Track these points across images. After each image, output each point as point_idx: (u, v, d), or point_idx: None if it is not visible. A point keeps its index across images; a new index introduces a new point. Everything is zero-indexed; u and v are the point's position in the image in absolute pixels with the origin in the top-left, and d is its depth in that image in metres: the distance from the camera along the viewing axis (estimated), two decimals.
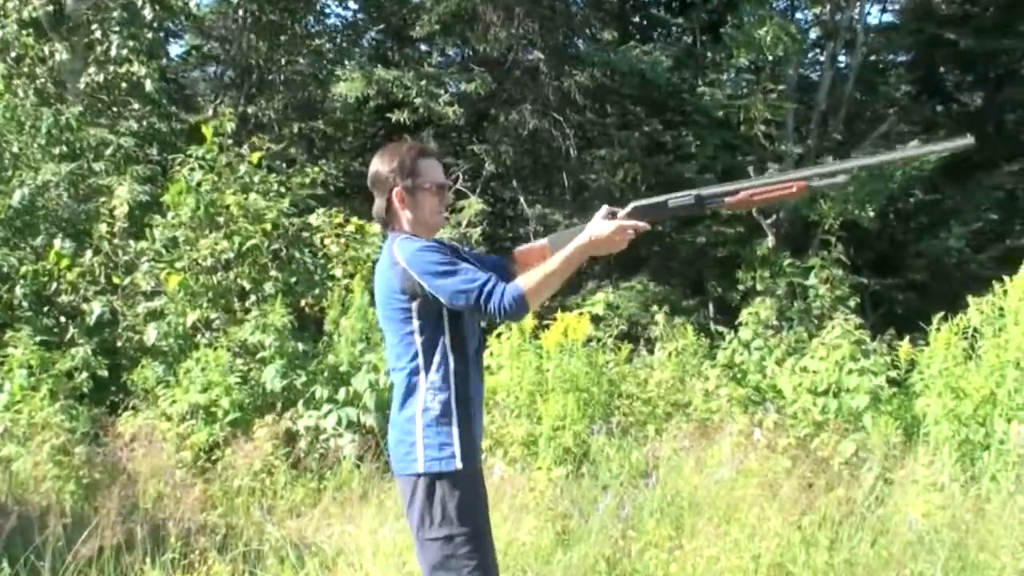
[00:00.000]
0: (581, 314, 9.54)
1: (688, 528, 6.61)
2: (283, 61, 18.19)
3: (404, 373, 4.21)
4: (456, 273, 4.07)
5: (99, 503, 7.10)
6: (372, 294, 9.76)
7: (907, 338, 8.92)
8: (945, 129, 18.48)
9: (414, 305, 4.14)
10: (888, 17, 21.04)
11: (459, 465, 4.11)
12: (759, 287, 13.75)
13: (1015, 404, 7.46)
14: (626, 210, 4.22)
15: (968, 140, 3.98)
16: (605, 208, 4.26)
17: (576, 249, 4.13)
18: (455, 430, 4.14)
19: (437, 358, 4.16)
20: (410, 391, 4.20)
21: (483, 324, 4.46)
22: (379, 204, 4.32)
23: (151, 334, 10.22)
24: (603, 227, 4.14)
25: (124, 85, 15.08)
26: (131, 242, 11.32)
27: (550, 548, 6.64)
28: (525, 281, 4.08)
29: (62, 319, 11.07)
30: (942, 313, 8.40)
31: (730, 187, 4.21)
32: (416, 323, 4.16)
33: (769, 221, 15.51)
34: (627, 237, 4.16)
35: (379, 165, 4.33)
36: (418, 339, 4.16)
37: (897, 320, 13.53)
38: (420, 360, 4.17)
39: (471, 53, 17.04)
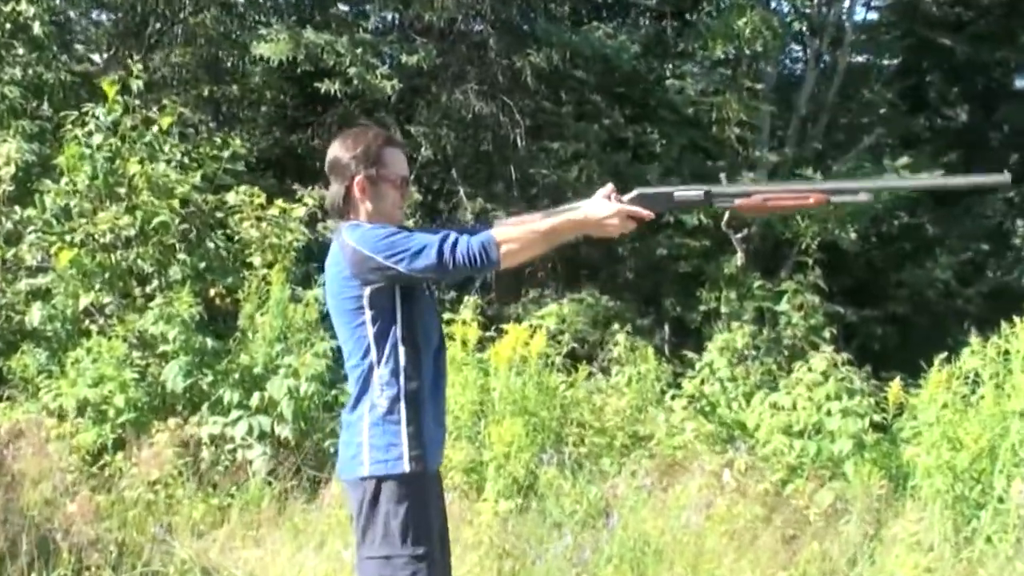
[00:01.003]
0: (533, 327, 9.63)
1: None
2: (186, 11, 17.90)
3: (358, 371, 4.36)
4: (411, 237, 4.22)
5: None
6: (293, 288, 9.84)
7: (897, 378, 9.10)
8: (929, 144, 18.88)
9: (365, 292, 4.27)
10: (874, 16, 21.41)
11: (406, 468, 4.24)
12: (724, 309, 13.95)
13: (1018, 459, 7.65)
14: (630, 195, 4.32)
15: (1004, 177, 4.12)
16: (608, 187, 4.34)
17: (567, 220, 4.26)
18: (403, 429, 4.27)
19: (387, 351, 4.30)
20: (363, 390, 4.36)
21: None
22: (336, 191, 4.45)
23: (35, 316, 10.09)
24: (602, 207, 4.25)
25: (8, 26, 14.85)
26: (16, 208, 11.11)
27: None
28: (500, 231, 4.23)
29: None
30: (944, 354, 8.58)
31: (743, 188, 4.41)
32: (368, 313, 4.29)
33: (740, 235, 15.65)
34: (626, 224, 4.26)
35: (340, 150, 4.45)
36: (370, 331, 4.30)
37: (873, 356, 13.86)
38: (372, 355, 4.31)
39: (412, 21, 16.99)
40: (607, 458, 8.73)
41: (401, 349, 4.29)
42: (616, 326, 10.80)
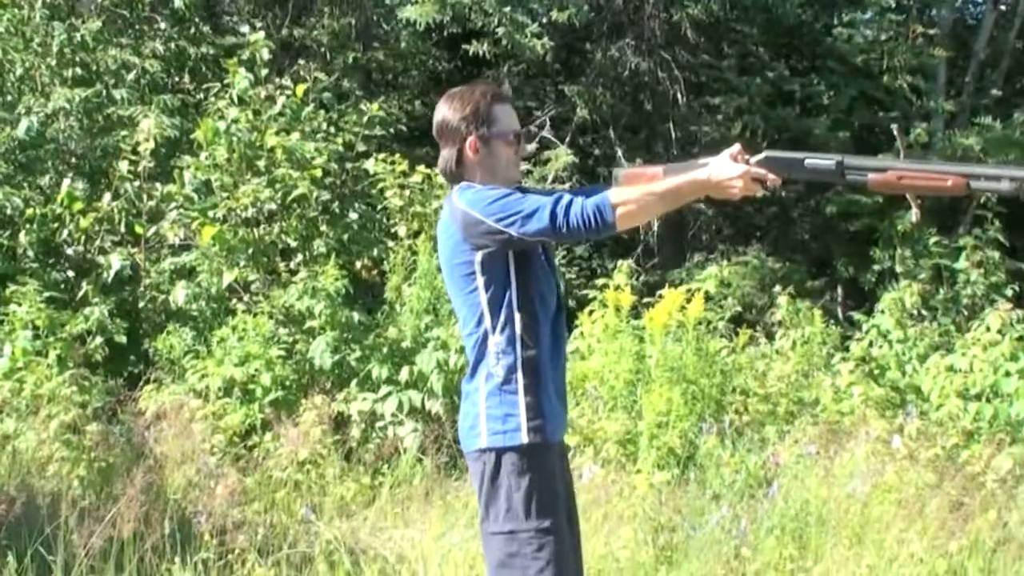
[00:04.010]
0: (691, 291, 9.58)
1: (814, 549, 6.72)
2: None
3: (473, 339, 4.37)
4: (524, 198, 4.20)
5: (119, 490, 7.18)
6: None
7: None
8: None
9: (477, 257, 4.27)
10: None
11: (524, 439, 4.24)
12: (898, 268, 13.71)
13: None
14: (757, 157, 4.28)
15: None
16: (736, 147, 4.29)
17: (691, 181, 4.22)
18: (521, 398, 4.28)
19: (503, 318, 4.30)
20: (479, 358, 4.37)
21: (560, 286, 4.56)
22: (447, 155, 4.44)
23: (179, 295, 10.27)
24: (728, 168, 4.19)
25: None
26: (157, 185, 11.34)
27: (650, 566, 6.76)
28: (616, 193, 4.19)
29: (73, 274, 11.15)
30: None
31: (878, 162, 4.29)
32: (480, 279, 4.29)
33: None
34: (751, 187, 4.21)
35: (448, 112, 4.43)
36: (483, 297, 4.30)
37: None
38: (487, 322, 4.32)
39: None
40: (770, 426, 8.68)
41: (517, 316, 4.29)
42: (778, 288, 10.67)
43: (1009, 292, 11.74)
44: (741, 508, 7.31)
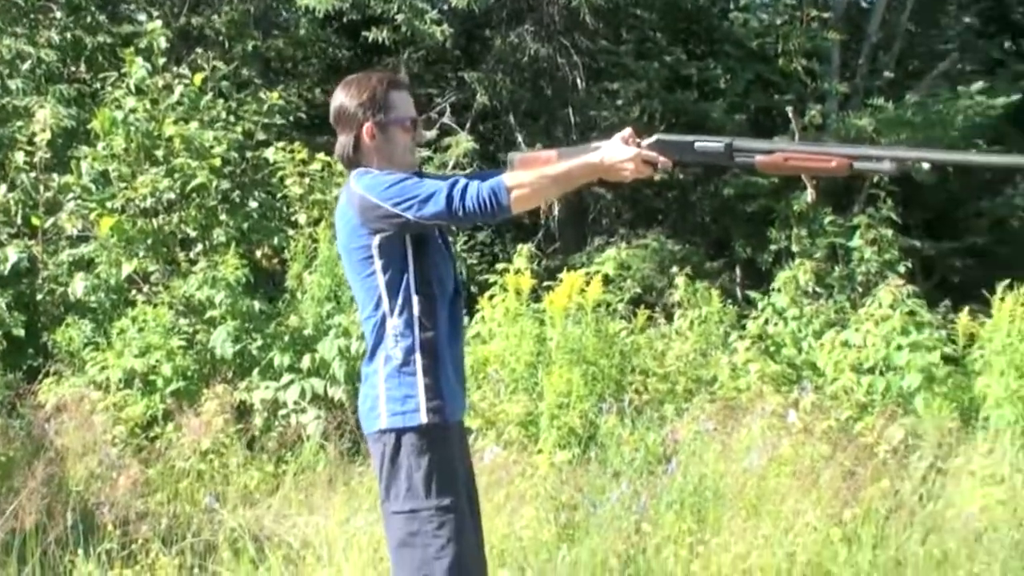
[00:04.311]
0: (590, 274, 9.70)
1: (712, 522, 6.85)
2: None
3: (371, 322, 4.45)
4: (420, 183, 4.29)
5: (19, 483, 7.18)
6: None
7: (967, 308, 9.12)
8: (1009, 70, 18.64)
9: (375, 241, 4.35)
10: None
11: (423, 419, 4.33)
12: (795, 248, 13.86)
13: None
14: (648, 141, 4.39)
15: None
16: (627, 130, 4.42)
17: (583, 164, 4.33)
18: (420, 380, 4.35)
19: (400, 301, 4.38)
20: (377, 341, 4.44)
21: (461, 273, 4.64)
22: (344, 141, 4.52)
23: (78, 287, 10.21)
24: (620, 151, 4.31)
25: None
26: (54, 176, 11.24)
27: (553, 543, 6.85)
28: (511, 176, 4.29)
29: None
30: (1007, 281, 8.61)
31: (765, 144, 4.44)
32: (378, 263, 4.37)
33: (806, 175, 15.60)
34: (643, 170, 4.33)
35: (345, 98, 4.52)
36: (381, 280, 4.38)
37: (953, 290, 13.76)
38: (385, 305, 4.39)
39: None
40: (668, 404, 8.83)
41: (414, 298, 4.37)
42: (675, 269, 10.82)
43: (902, 269, 11.89)
44: (641, 484, 7.43)
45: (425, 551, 4.31)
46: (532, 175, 4.29)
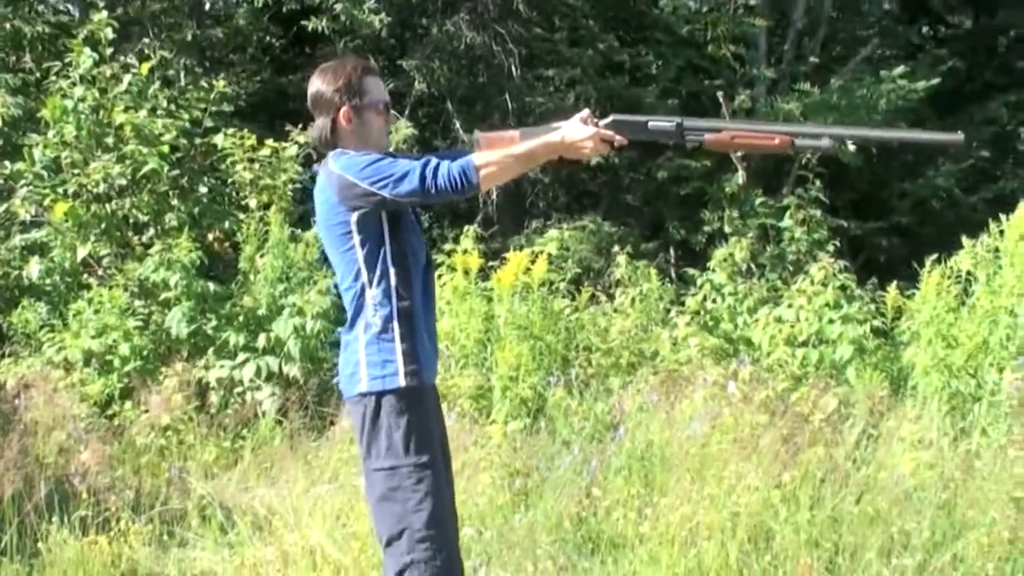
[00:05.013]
0: (535, 253, 10.00)
1: (659, 485, 7.16)
2: None
3: (351, 293, 4.74)
4: (395, 163, 4.59)
5: None
6: (292, 228, 10.14)
7: (895, 283, 9.49)
8: (929, 55, 19.11)
9: (353, 218, 4.64)
10: None
11: (402, 382, 4.63)
12: (727, 229, 14.19)
13: (1008, 353, 8.09)
14: (605, 121, 4.71)
15: (958, 137, 4.52)
16: (585, 112, 4.73)
17: (545, 143, 4.63)
18: (398, 346, 4.66)
19: (378, 272, 4.67)
20: (357, 310, 4.74)
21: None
22: (322, 124, 4.82)
23: (33, 270, 10.43)
24: (579, 130, 4.63)
25: None
26: (6, 163, 11.46)
27: (509, 507, 7.18)
28: (479, 156, 4.59)
29: None
30: (935, 256, 9.01)
31: (714, 123, 4.81)
32: (357, 237, 4.66)
33: (740, 154, 15.86)
34: (600, 148, 4.66)
35: (322, 84, 4.81)
36: (360, 254, 4.68)
37: (880, 268, 14.19)
38: (364, 276, 4.69)
39: None
40: (613, 377, 9.13)
41: (391, 270, 4.66)
42: (616, 248, 11.11)
43: (831, 248, 12.22)
44: (590, 451, 7.74)
45: (404, 505, 4.61)
46: (498, 155, 4.58)
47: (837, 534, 6.56)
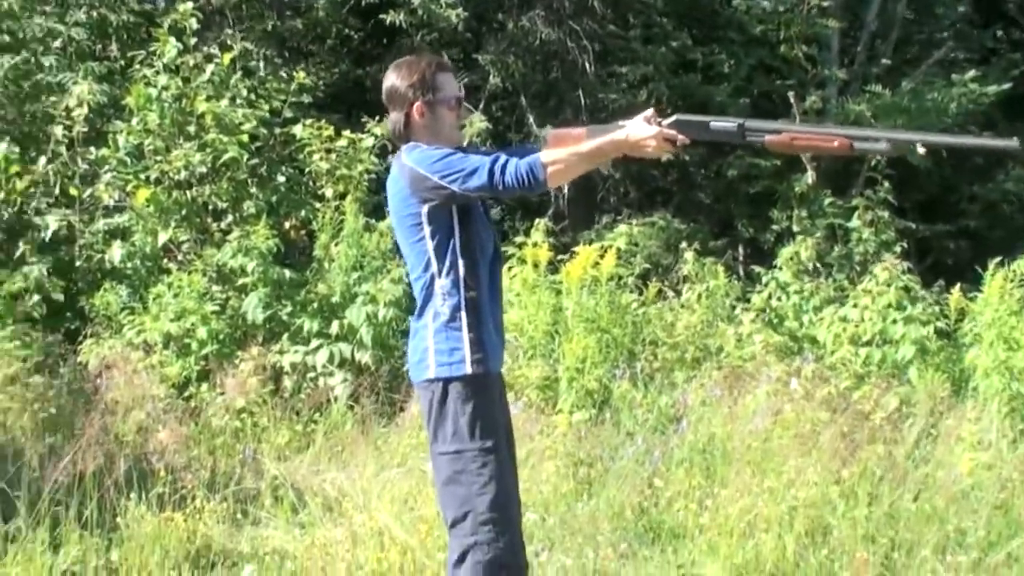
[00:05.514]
0: (604, 248, 10.12)
1: (720, 477, 7.28)
2: None
3: (421, 282, 4.87)
4: (466, 158, 4.72)
5: (78, 430, 7.61)
6: (366, 218, 10.28)
7: (958, 285, 9.55)
8: (1003, 59, 19.02)
9: (424, 209, 4.77)
10: None
11: (468, 369, 4.76)
12: (796, 228, 14.17)
13: None
14: (668, 120, 4.79)
15: (1013, 143, 4.53)
16: (650, 111, 4.82)
17: (610, 141, 4.72)
18: (465, 334, 4.79)
19: (447, 263, 4.80)
20: (426, 299, 4.87)
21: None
22: (396, 118, 4.95)
23: (115, 254, 10.57)
24: (644, 129, 4.71)
25: None
26: (91, 149, 11.59)
27: (572, 495, 7.34)
28: (546, 154, 4.70)
29: (7, 235, 11.20)
30: (998, 259, 9.05)
31: (774, 125, 4.89)
32: (427, 228, 4.79)
33: (810, 154, 15.82)
34: (664, 147, 4.73)
35: (396, 79, 4.93)
36: (430, 245, 4.80)
37: (947, 270, 14.14)
38: (433, 267, 4.82)
39: None
40: (678, 371, 9.23)
41: (460, 261, 4.78)
42: (684, 245, 11.18)
43: (898, 249, 12.19)
44: (653, 443, 7.88)
45: (469, 488, 4.74)
46: (565, 152, 4.69)
47: (894, 530, 6.65)
